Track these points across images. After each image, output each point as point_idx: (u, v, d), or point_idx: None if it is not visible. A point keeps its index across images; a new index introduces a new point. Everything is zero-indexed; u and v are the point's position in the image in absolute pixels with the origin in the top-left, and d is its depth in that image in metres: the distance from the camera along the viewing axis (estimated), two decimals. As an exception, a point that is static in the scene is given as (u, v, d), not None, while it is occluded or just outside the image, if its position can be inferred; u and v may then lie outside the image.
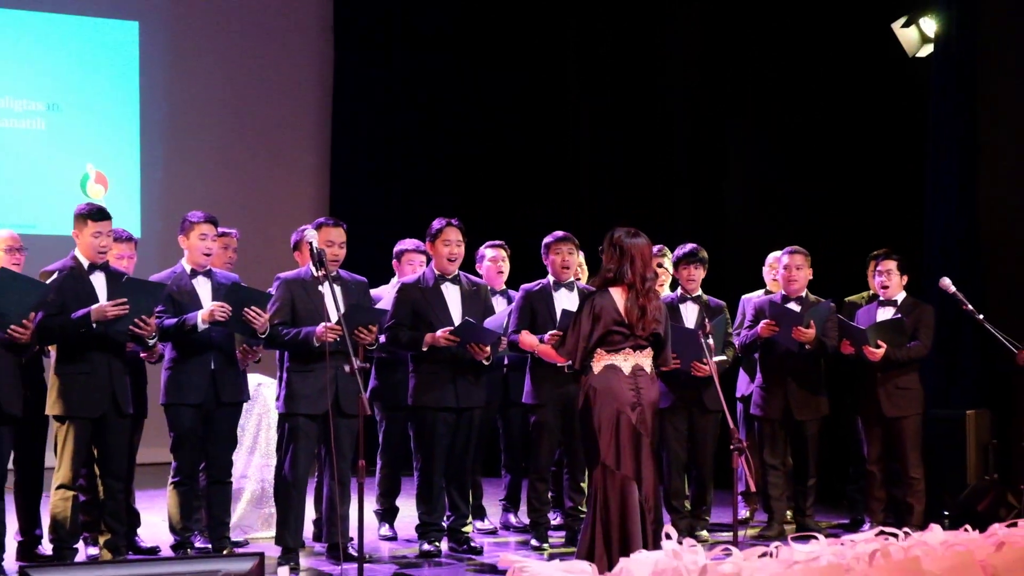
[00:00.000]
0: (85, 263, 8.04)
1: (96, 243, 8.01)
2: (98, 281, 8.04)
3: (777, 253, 10.09)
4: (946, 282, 9.54)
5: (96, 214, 8.03)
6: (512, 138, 14.70)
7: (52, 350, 8.23)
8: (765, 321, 9.51)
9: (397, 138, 14.67)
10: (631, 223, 7.65)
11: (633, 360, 7.42)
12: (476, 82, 14.73)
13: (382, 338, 8.62)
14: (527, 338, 8.36)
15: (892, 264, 9.67)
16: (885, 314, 9.64)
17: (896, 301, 9.68)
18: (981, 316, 9.41)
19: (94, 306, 7.81)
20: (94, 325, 7.78)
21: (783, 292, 9.78)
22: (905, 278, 9.72)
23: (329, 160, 14.83)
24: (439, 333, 8.58)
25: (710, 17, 13.81)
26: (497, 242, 9.83)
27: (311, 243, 7.96)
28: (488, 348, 8.71)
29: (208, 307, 8.20)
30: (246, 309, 8.10)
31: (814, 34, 12.89)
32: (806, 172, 12.95)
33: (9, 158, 13.26)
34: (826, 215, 12.57)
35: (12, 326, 7.43)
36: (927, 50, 11.54)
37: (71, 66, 13.64)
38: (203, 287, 8.47)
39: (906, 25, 11.56)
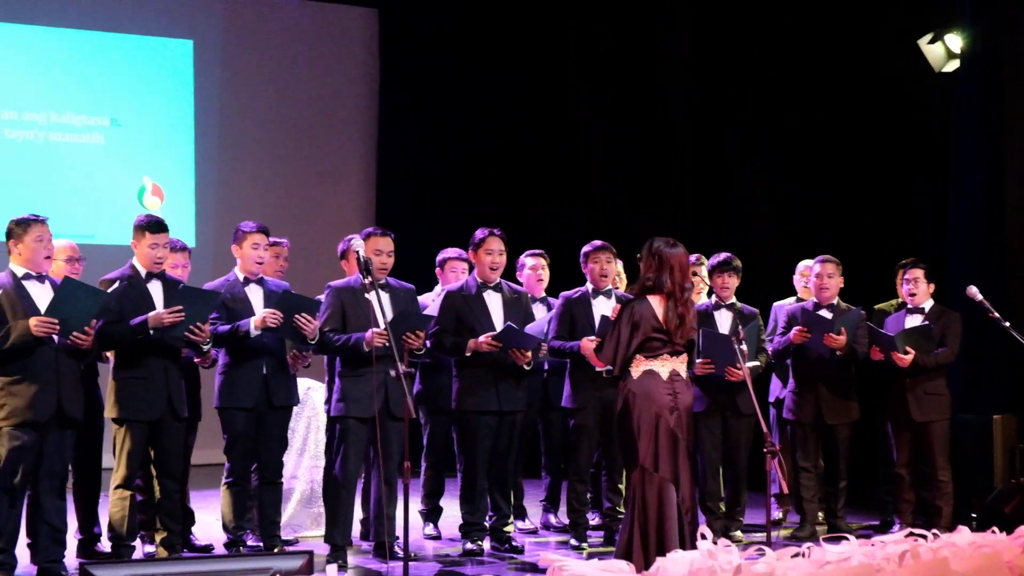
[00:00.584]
0: (143, 272, 8.09)
1: (153, 254, 8.06)
2: (155, 289, 8.08)
3: (808, 262, 10.07)
4: (973, 290, 9.48)
5: (154, 226, 8.09)
6: (547, 149, 14.71)
7: (110, 356, 8.27)
8: (797, 328, 9.47)
9: (440, 152, 14.66)
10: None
11: (671, 365, 7.40)
12: (519, 101, 14.73)
13: (428, 343, 8.65)
14: (586, 343, 8.53)
15: (919, 272, 9.63)
16: (913, 321, 9.59)
17: (924, 308, 9.63)
18: (1007, 324, 9.35)
19: (151, 313, 7.86)
20: (151, 332, 7.83)
21: (815, 300, 9.74)
22: (932, 286, 9.68)
23: (375, 173, 14.84)
24: (482, 339, 8.59)
25: (711, 21, 13.83)
26: (537, 251, 9.82)
27: (358, 252, 7.99)
28: (529, 354, 8.71)
29: (260, 314, 8.23)
30: (296, 316, 8.12)
31: (843, 48, 12.86)
32: (836, 185, 12.92)
33: (70, 171, 13.32)
34: (856, 226, 12.52)
35: (74, 333, 7.48)
36: (953, 65, 11.51)
37: (129, 83, 13.69)
38: (255, 295, 8.50)
39: (932, 41, 11.52)
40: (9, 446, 7.54)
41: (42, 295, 7.63)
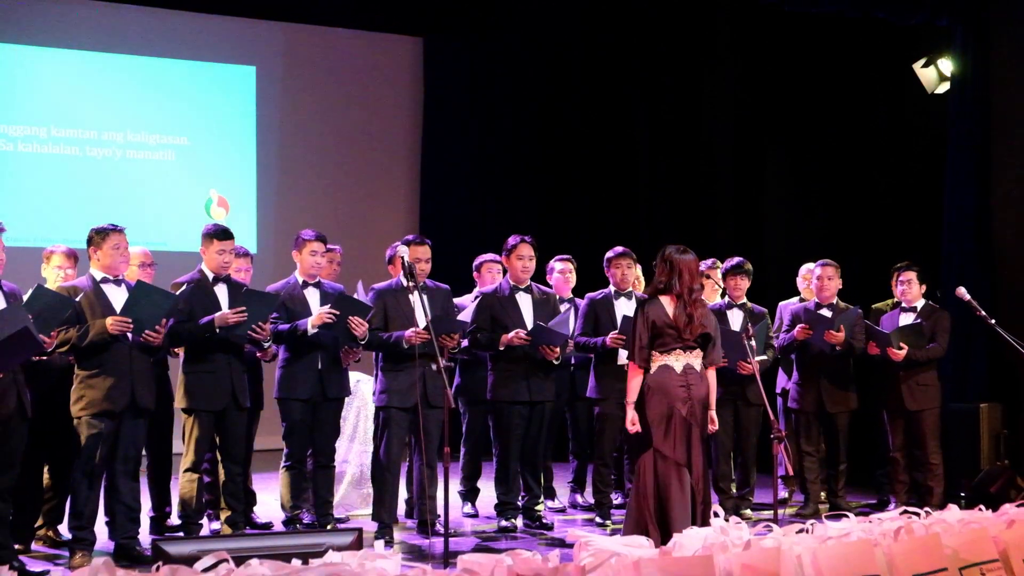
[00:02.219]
0: (210, 275, 8.11)
1: (220, 259, 8.09)
2: (221, 292, 8.10)
3: (810, 265, 10.02)
4: (962, 291, 9.43)
5: (221, 234, 8.12)
6: (580, 163, 14.69)
7: (180, 351, 8.29)
8: (801, 326, 9.44)
9: (477, 168, 14.69)
10: (683, 235, 7.60)
11: (684, 360, 7.36)
12: (551, 117, 14.72)
13: (464, 342, 8.65)
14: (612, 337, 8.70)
15: (912, 275, 9.59)
16: (907, 319, 9.55)
17: (916, 307, 9.59)
18: (993, 321, 9.29)
19: (217, 314, 7.88)
20: (217, 330, 7.85)
21: (816, 300, 9.70)
22: (924, 287, 9.63)
23: (418, 187, 14.87)
24: (512, 333, 8.58)
25: (751, 61, 13.77)
26: (565, 256, 9.81)
27: (403, 257, 8.01)
28: (557, 349, 8.70)
29: (317, 312, 8.24)
30: (349, 318, 8.13)
31: (844, 73, 12.84)
32: (838, 195, 12.89)
33: (144, 184, 13.38)
34: (856, 232, 12.51)
35: (146, 331, 7.50)
36: (945, 87, 11.46)
37: (198, 105, 13.75)
38: (313, 296, 8.51)
39: (926, 66, 11.49)
40: (88, 433, 7.56)
41: (118, 297, 7.65)
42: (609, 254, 9.22)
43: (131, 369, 7.63)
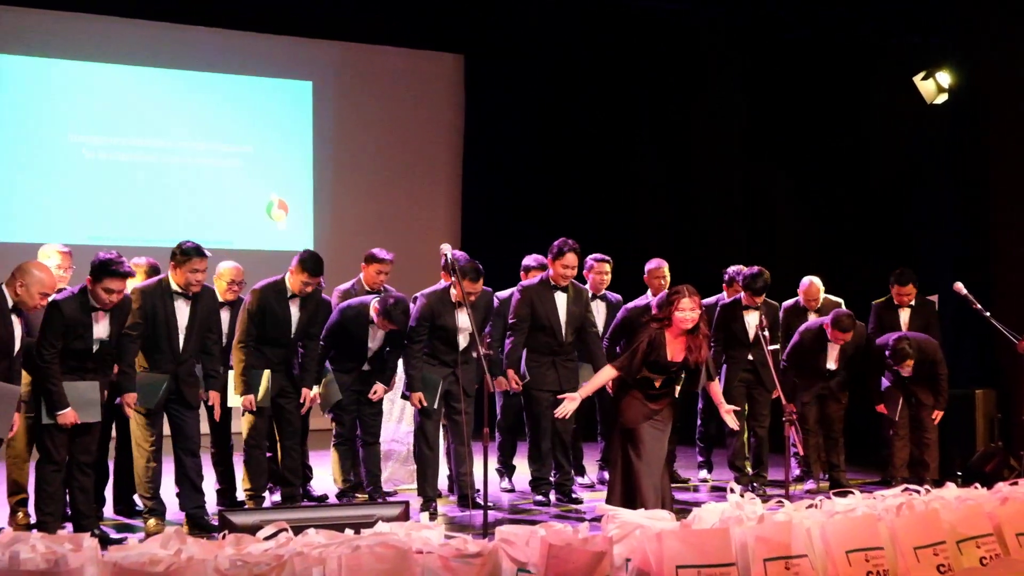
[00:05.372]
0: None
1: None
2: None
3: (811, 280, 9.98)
4: (959, 286, 9.39)
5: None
6: (620, 175, 14.64)
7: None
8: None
9: (516, 178, 14.66)
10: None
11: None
12: (583, 129, 14.68)
13: (507, 342, 8.73)
14: None
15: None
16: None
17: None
18: (988, 314, 9.24)
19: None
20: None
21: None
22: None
23: (460, 196, 14.90)
24: (512, 380, 8.72)
25: (754, 83, 13.73)
26: (603, 257, 9.66)
27: (446, 255, 7.82)
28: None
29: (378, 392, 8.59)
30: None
31: (844, 81, 12.84)
32: (839, 196, 12.84)
33: (213, 189, 13.44)
34: (859, 233, 12.48)
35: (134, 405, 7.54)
36: (943, 98, 11.39)
37: (261, 117, 13.79)
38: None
39: (925, 78, 11.40)
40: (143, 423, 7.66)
41: (183, 310, 7.64)
42: (650, 265, 9.26)
43: (176, 372, 7.70)
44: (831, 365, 9.32)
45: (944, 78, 11.32)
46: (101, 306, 7.00)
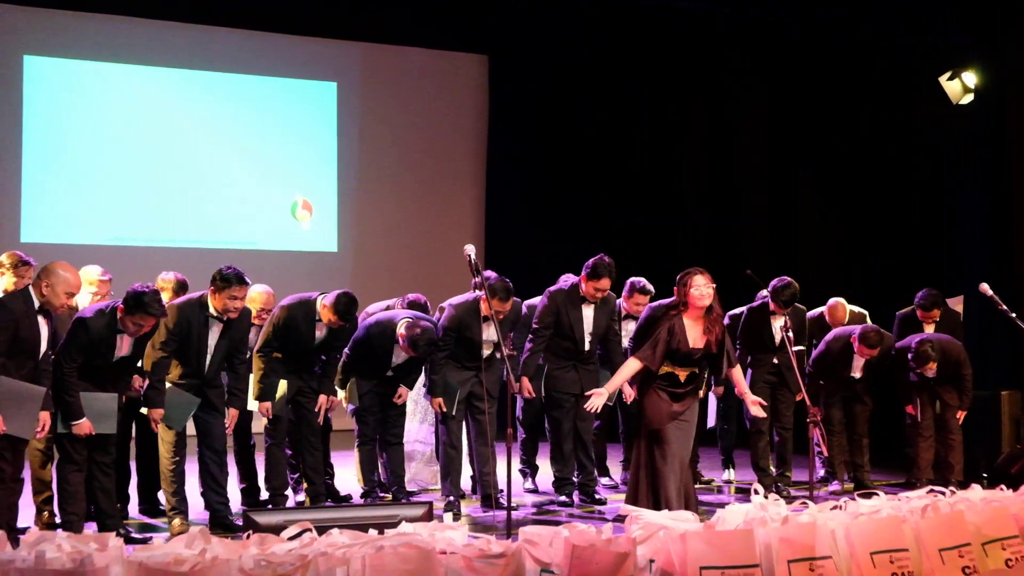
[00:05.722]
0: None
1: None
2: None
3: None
4: (985, 287, 9.37)
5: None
6: (628, 185, 14.58)
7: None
8: None
9: (539, 180, 14.67)
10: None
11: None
12: (611, 137, 14.64)
13: (527, 346, 8.69)
14: None
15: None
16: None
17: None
18: (1014, 315, 9.21)
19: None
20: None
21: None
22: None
23: (484, 196, 14.88)
24: (526, 391, 8.67)
25: (779, 91, 13.69)
26: (644, 286, 9.32)
27: (470, 256, 7.76)
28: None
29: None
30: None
31: (851, 92, 12.83)
32: (875, 199, 12.82)
33: (238, 189, 13.45)
34: (889, 234, 12.44)
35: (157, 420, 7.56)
36: (969, 99, 11.34)
37: (286, 117, 13.81)
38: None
39: (951, 79, 11.35)
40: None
41: (215, 331, 7.65)
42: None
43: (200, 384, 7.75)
44: (856, 374, 9.30)
45: (970, 78, 11.27)
46: (128, 333, 7.01)
